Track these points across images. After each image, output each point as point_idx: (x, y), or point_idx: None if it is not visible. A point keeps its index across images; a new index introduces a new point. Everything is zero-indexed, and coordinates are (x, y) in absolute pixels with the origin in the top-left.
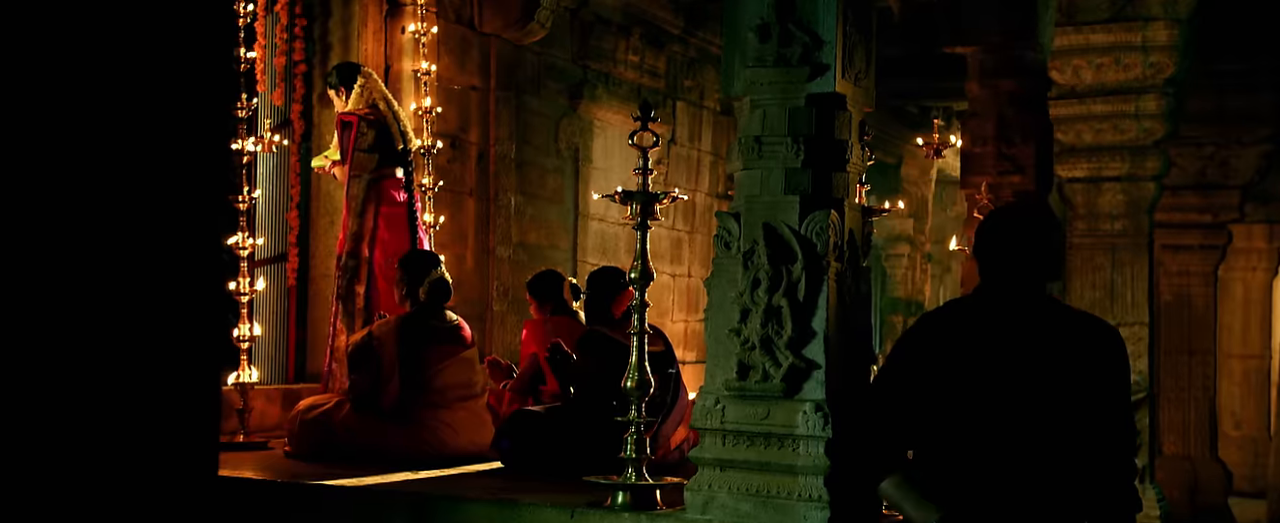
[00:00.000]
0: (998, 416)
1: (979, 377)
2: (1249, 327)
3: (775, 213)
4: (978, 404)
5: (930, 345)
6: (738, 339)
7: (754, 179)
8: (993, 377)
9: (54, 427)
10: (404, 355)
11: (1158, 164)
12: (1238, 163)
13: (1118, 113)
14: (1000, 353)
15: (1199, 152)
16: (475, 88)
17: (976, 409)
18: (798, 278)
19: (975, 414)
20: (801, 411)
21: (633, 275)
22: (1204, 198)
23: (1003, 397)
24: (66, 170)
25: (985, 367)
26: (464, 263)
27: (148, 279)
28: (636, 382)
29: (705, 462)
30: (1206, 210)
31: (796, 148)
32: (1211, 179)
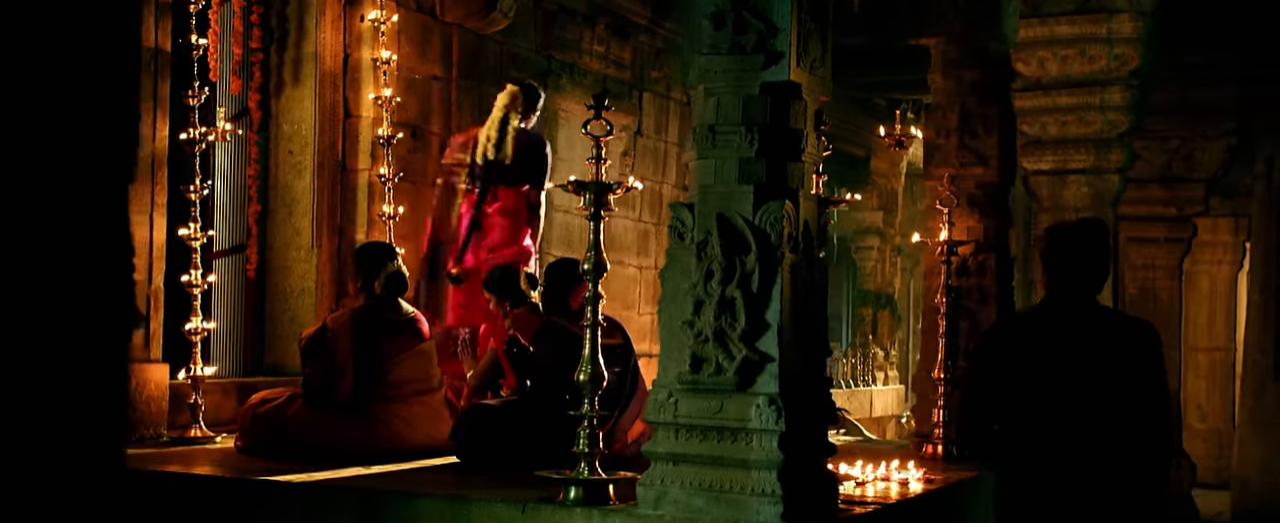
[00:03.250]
0: (1062, 399)
1: (1048, 369)
2: (1214, 320)
3: (729, 203)
4: (1046, 390)
5: (1008, 344)
6: (691, 331)
7: (708, 169)
8: (1057, 368)
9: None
10: (358, 348)
11: (1122, 157)
12: (1202, 156)
13: (1083, 105)
14: (1063, 350)
15: (1164, 145)
16: (437, 77)
17: (1045, 394)
18: (751, 269)
19: (1044, 398)
20: (755, 404)
21: (586, 267)
22: (1169, 191)
23: (1065, 384)
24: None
25: (1052, 361)
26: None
27: (35, 264)
28: (589, 375)
29: (658, 456)
30: (1171, 204)
31: (750, 137)
32: (1176, 172)
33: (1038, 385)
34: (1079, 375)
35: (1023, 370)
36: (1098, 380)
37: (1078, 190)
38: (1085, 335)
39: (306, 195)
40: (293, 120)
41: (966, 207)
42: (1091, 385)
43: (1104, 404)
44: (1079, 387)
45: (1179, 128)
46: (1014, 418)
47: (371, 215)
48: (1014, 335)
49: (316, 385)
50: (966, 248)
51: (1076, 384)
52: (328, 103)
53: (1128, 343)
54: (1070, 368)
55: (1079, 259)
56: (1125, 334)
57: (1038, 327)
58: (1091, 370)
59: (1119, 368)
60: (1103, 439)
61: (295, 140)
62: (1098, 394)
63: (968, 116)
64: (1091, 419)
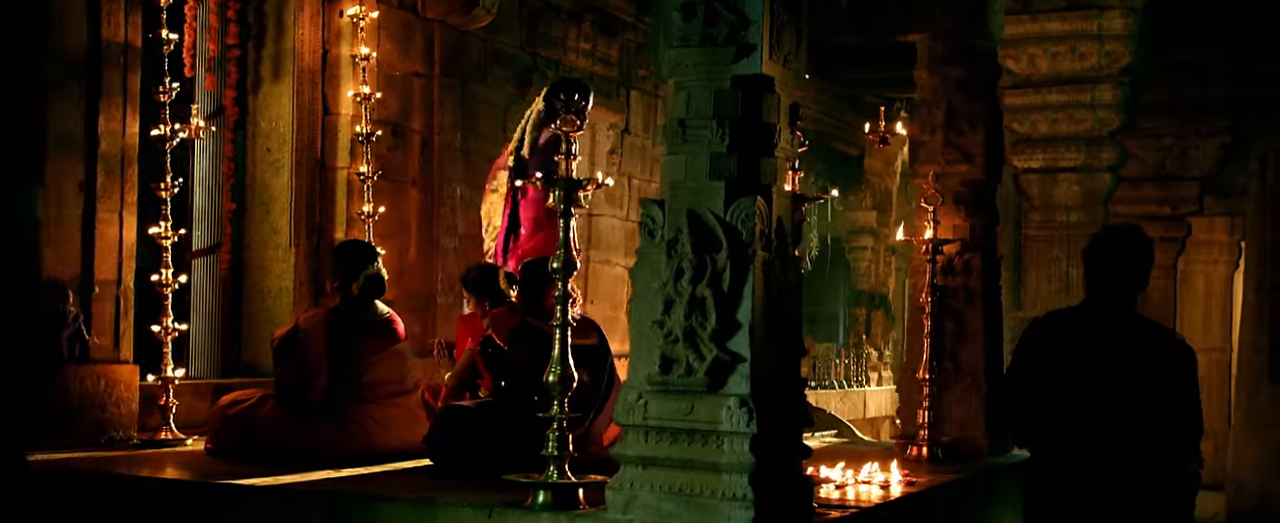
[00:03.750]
0: (1086, 402)
1: (1076, 372)
2: (1210, 320)
3: (700, 200)
4: (1072, 392)
5: (1045, 343)
6: (661, 331)
7: (678, 164)
8: (1085, 372)
9: None
10: (332, 349)
11: (1113, 155)
12: (1196, 155)
13: (1073, 103)
14: (1093, 355)
15: (1158, 143)
16: (418, 74)
17: (1071, 396)
18: (723, 267)
19: (1070, 400)
20: (726, 406)
21: (555, 266)
22: (1163, 190)
23: (1091, 388)
24: None
25: (1087, 362)
26: (406, 254)
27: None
28: (559, 376)
29: (627, 459)
30: (1165, 202)
31: (721, 131)
32: (1170, 171)
33: (1065, 387)
34: (1105, 382)
35: (1053, 371)
36: (1123, 389)
37: (1068, 189)
38: (1115, 342)
39: (284, 194)
40: (270, 117)
41: (952, 204)
42: (1116, 392)
43: (1127, 411)
44: (1104, 392)
45: (1172, 126)
46: (1043, 417)
47: (350, 214)
48: (1049, 335)
49: (288, 387)
50: (952, 246)
51: (1101, 389)
52: (306, 100)
53: (1162, 356)
54: (1097, 373)
55: (1114, 265)
56: (1161, 347)
57: (1072, 328)
58: (1118, 377)
59: (1150, 378)
60: (1124, 446)
61: (273, 138)
62: (1122, 402)
63: (954, 113)
64: (1113, 424)
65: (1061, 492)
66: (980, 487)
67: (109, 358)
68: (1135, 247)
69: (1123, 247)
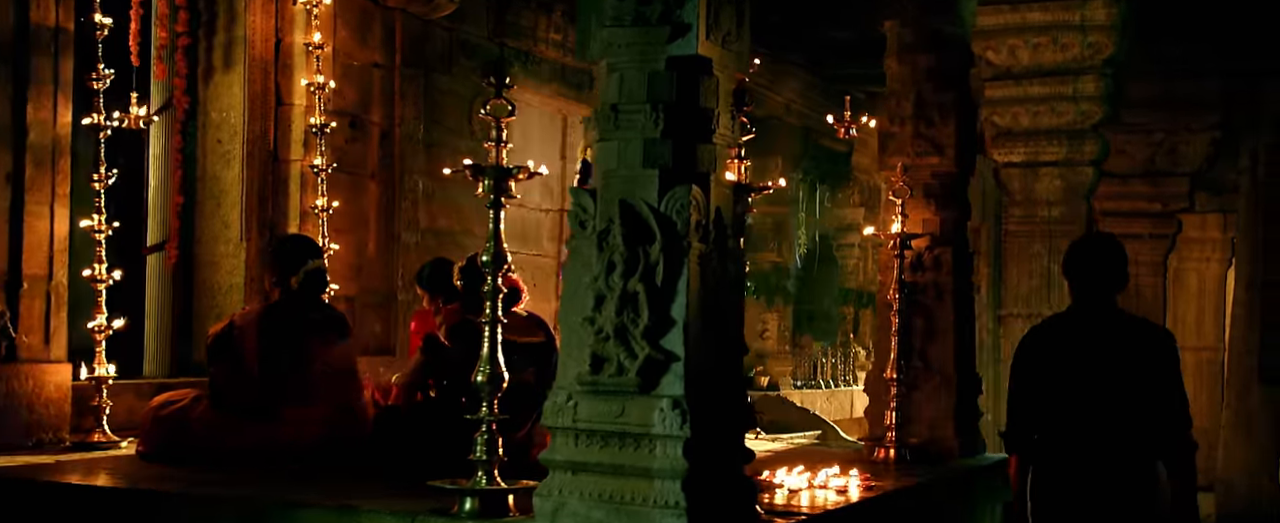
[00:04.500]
0: (1083, 398)
1: (1074, 370)
2: (1203, 318)
3: (633, 189)
4: (1069, 390)
5: (1039, 350)
6: (591, 328)
7: (610, 151)
8: (1079, 370)
9: None
10: (267, 347)
11: (1096, 148)
12: (1187, 150)
13: (1055, 95)
14: (1084, 353)
15: (1148, 139)
16: (378, 64)
17: (1069, 394)
18: (656, 261)
19: (1068, 397)
20: (658, 407)
21: (484, 259)
22: (1153, 186)
23: (1086, 383)
24: None
25: (1077, 363)
26: (366, 250)
27: None
28: (488, 376)
29: (556, 464)
30: (1156, 199)
31: (655, 116)
32: (1160, 167)
33: (1062, 386)
34: (1098, 376)
35: (1049, 372)
36: (1116, 380)
37: (1050, 183)
38: (1104, 339)
39: (235, 186)
40: (221, 108)
41: (922, 198)
42: (1110, 385)
43: (1122, 401)
44: (1099, 386)
45: (1162, 121)
46: (1043, 417)
47: (304, 208)
48: (1043, 340)
49: (222, 386)
50: (921, 241)
51: (1096, 384)
52: (258, 90)
53: (1144, 346)
54: (1090, 369)
55: (1090, 269)
56: (1142, 338)
57: (1063, 332)
58: (1110, 371)
59: (1135, 369)
60: (1122, 435)
61: (223, 129)
62: (1116, 392)
63: (923, 104)
64: (1110, 416)
65: (1068, 485)
66: (946, 491)
67: (38, 357)
68: (1110, 251)
69: (1099, 252)
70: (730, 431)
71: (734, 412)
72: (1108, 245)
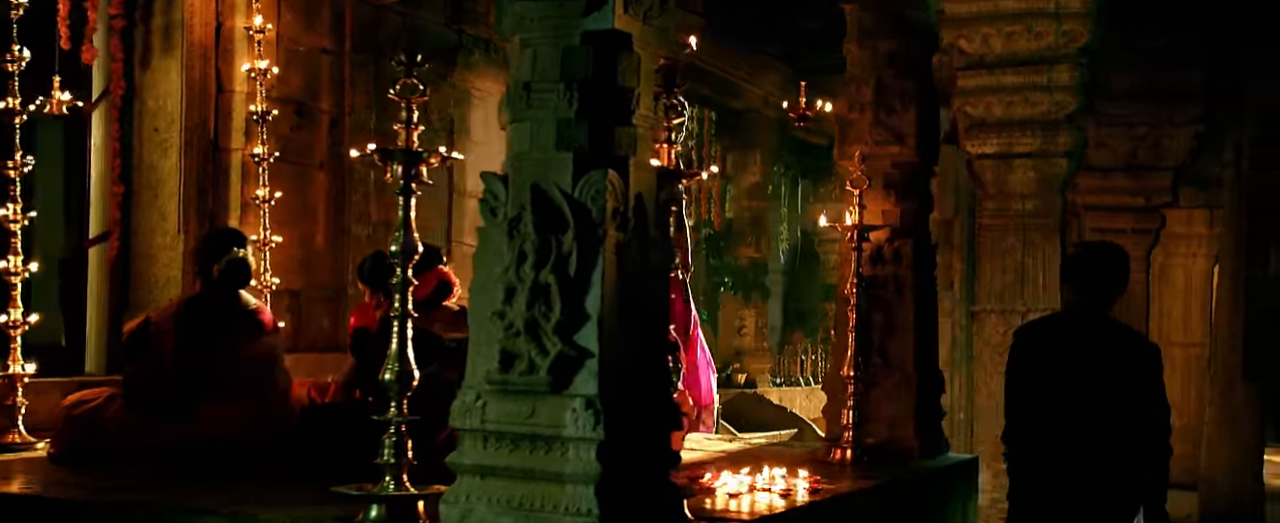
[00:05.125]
0: (1065, 403)
1: (1061, 374)
2: (1189, 315)
3: (546, 173)
4: (1059, 393)
5: (1029, 346)
6: (501, 323)
7: (523, 133)
8: (1069, 374)
9: None
10: (185, 343)
11: (1071, 140)
12: (1170, 143)
13: (1029, 84)
14: (1075, 357)
15: (1130, 132)
16: (326, 50)
17: (1058, 397)
18: (569, 250)
19: (1056, 401)
20: (570, 407)
21: (393, 249)
22: (1135, 180)
23: (1074, 388)
24: None
25: (1065, 367)
26: (313, 242)
27: None
28: (396, 374)
29: (464, 468)
30: (1138, 193)
31: (570, 95)
32: (1143, 160)
33: (1048, 389)
34: (1084, 382)
35: (1038, 375)
36: (1101, 387)
37: (1024, 175)
38: (1093, 347)
39: (173, 176)
40: (158, 95)
41: (881, 188)
42: (1092, 392)
43: (1106, 408)
44: (1081, 393)
45: (1144, 114)
46: (1027, 420)
47: (245, 198)
48: (1034, 343)
49: (137, 384)
50: (880, 233)
51: (1079, 390)
52: (197, 76)
53: (1130, 356)
54: (1077, 375)
55: (1093, 276)
56: (1129, 348)
57: (1054, 335)
58: (1092, 379)
59: (1120, 377)
60: (1100, 442)
61: (160, 116)
62: (1100, 399)
63: (884, 90)
64: (1090, 422)
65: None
66: (902, 493)
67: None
68: (1116, 260)
69: (1105, 261)
70: (652, 432)
71: (656, 412)
72: (1108, 253)
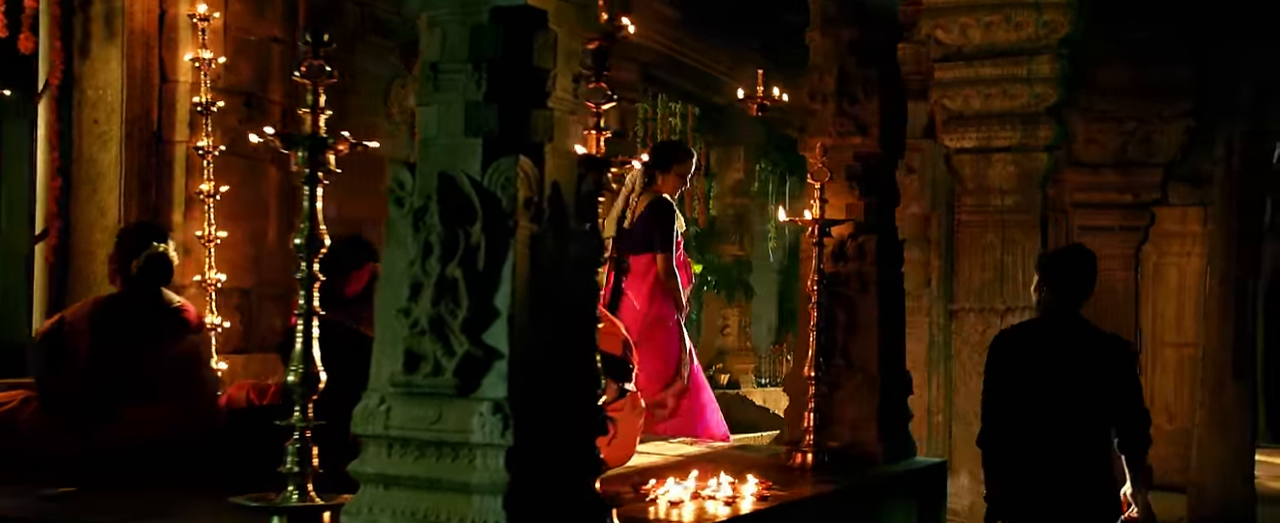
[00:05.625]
0: (1054, 405)
1: (1044, 377)
2: (1183, 314)
3: (454, 160)
4: (1043, 397)
5: (1009, 351)
6: (406, 321)
7: (431, 118)
8: (1051, 377)
9: None
10: (101, 343)
11: (1051, 133)
12: (1160, 139)
13: (1008, 76)
14: (1056, 361)
15: (1119, 127)
16: (278, 39)
17: (1042, 401)
18: (477, 242)
19: (1040, 405)
20: (478, 412)
21: (298, 241)
22: (1124, 176)
23: (1057, 390)
24: None
25: (1048, 370)
26: (265, 239)
27: None
28: (300, 376)
29: (367, 477)
30: (1127, 190)
31: (479, 77)
32: (1132, 156)
33: (1030, 394)
34: (1064, 385)
35: (1018, 378)
36: (1079, 389)
37: (1003, 170)
38: (1069, 348)
39: (113, 170)
40: (98, 85)
41: (845, 181)
42: (1074, 394)
43: (1083, 407)
44: (1064, 395)
45: (1134, 109)
46: (1009, 424)
47: (190, 193)
48: (1013, 346)
49: (51, 386)
50: (842, 228)
51: (1061, 393)
52: (139, 65)
53: (1105, 356)
54: (1056, 378)
55: (1065, 279)
56: (1104, 348)
57: (1033, 339)
58: (1074, 381)
59: (1097, 378)
60: (1084, 442)
61: (101, 107)
62: (1078, 399)
63: (847, 80)
64: (1073, 423)
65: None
66: (859, 500)
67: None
68: (1085, 262)
69: (1075, 263)
70: (571, 438)
71: (576, 417)
72: (1082, 256)
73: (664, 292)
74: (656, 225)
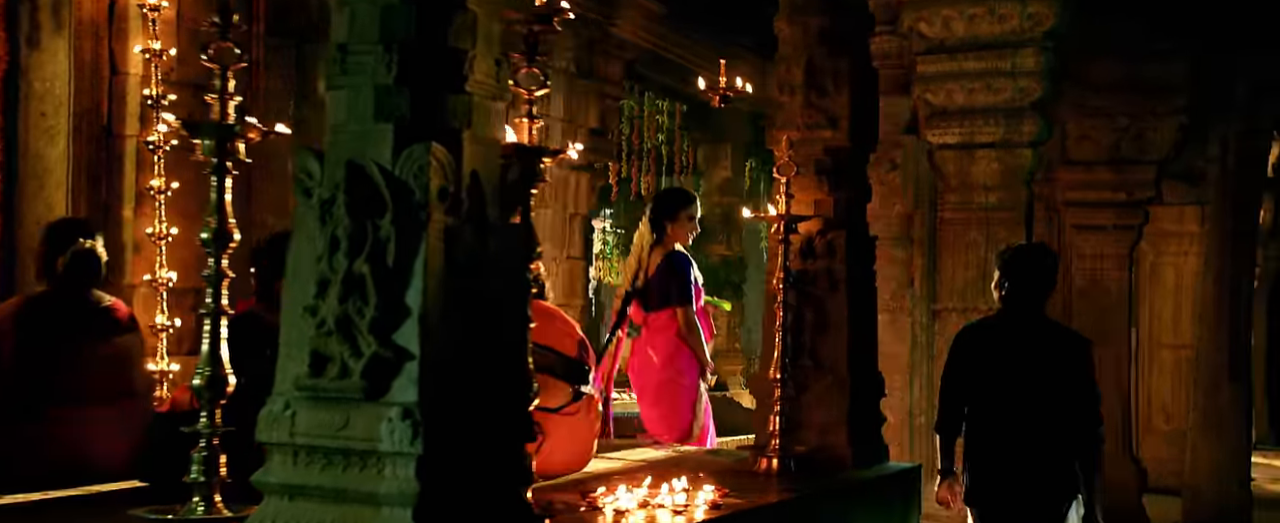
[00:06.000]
0: (1010, 394)
1: (999, 368)
2: (1181, 315)
3: (364, 148)
4: (998, 386)
5: (970, 347)
6: (313, 320)
7: (340, 102)
8: (1009, 367)
9: None
10: (26, 344)
11: (1036, 128)
12: (1153, 136)
13: (992, 70)
14: (1015, 355)
15: (1112, 124)
16: None
17: (997, 389)
18: (387, 236)
19: (996, 392)
20: (386, 418)
21: (203, 236)
22: (1118, 174)
23: (1014, 381)
24: None
25: (1002, 362)
26: None
27: None
28: (206, 379)
29: (271, 488)
30: (1120, 188)
31: (389, 58)
32: (1126, 154)
33: (991, 385)
34: (1024, 378)
35: (981, 372)
36: (1039, 382)
37: (987, 166)
38: (1031, 344)
39: (61, 165)
40: (45, 77)
41: (814, 176)
42: (1030, 384)
43: (1043, 401)
44: (1023, 386)
45: (1127, 106)
46: (973, 411)
47: (140, 188)
48: (977, 341)
49: None
50: (810, 224)
51: (1021, 384)
52: (88, 57)
53: (1064, 349)
54: (1014, 369)
55: (1028, 276)
56: (1064, 344)
57: (996, 334)
58: (1037, 374)
59: (1059, 372)
60: (1041, 428)
61: (48, 100)
62: (1038, 393)
63: (815, 71)
64: (1030, 411)
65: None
66: (823, 507)
67: None
68: (1047, 260)
69: (1038, 260)
70: (496, 446)
71: (502, 423)
72: (1045, 253)
73: (684, 346)
74: (673, 278)
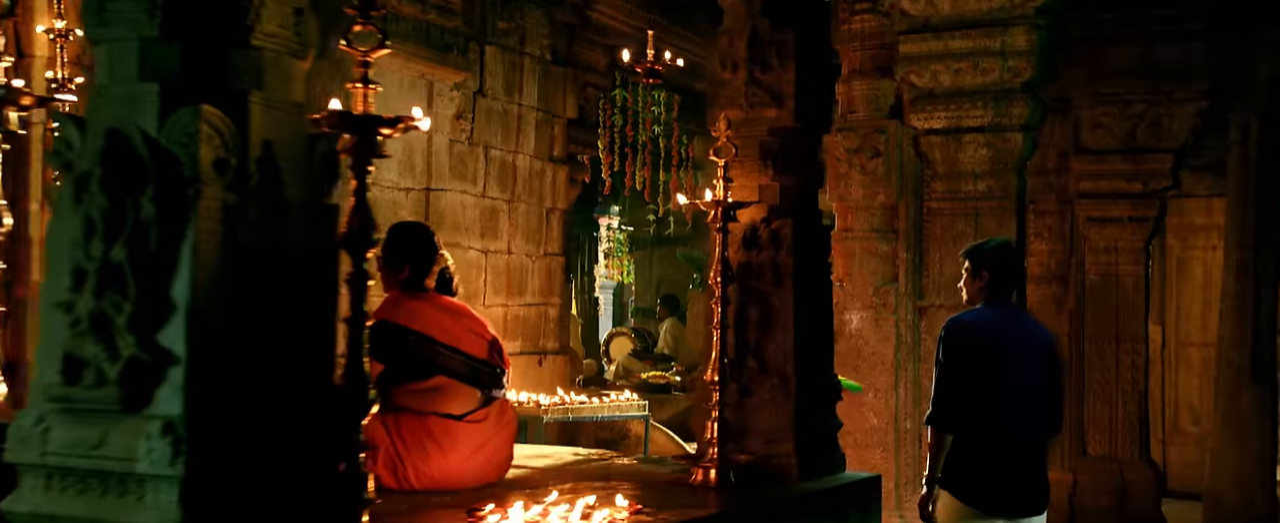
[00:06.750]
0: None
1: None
2: (1209, 312)
3: (129, 112)
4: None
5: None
6: (67, 318)
7: (102, 60)
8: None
9: None
10: None
11: (1026, 111)
12: (1170, 123)
13: (980, 50)
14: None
15: (1127, 110)
16: None
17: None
18: (148, 217)
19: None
20: (145, 434)
21: None
22: (1133, 164)
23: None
24: None
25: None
26: None
27: None
28: None
29: (21, 518)
30: (1136, 178)
31: (152, 6)
32: (1142, 142)
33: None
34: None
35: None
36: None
37: (976, 152)
38: (1022, 336)
39: None
40: None
41: (757, 159)
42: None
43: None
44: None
45: (1143, 91)
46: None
47: (48, 179)
48: (975, 334)
49: None
50: (752, 212)
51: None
52: None
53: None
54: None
55: (1007, 271)
56: (1044, 335)
57: (987, 327)
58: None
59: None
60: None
61: None
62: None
63: (759, 44)
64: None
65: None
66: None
67: None
68: (1018, 255)
69: (1012, 255)
70: (298, 468)
71: (306, 441)
72: (1012, 247)
73: None
74: None
